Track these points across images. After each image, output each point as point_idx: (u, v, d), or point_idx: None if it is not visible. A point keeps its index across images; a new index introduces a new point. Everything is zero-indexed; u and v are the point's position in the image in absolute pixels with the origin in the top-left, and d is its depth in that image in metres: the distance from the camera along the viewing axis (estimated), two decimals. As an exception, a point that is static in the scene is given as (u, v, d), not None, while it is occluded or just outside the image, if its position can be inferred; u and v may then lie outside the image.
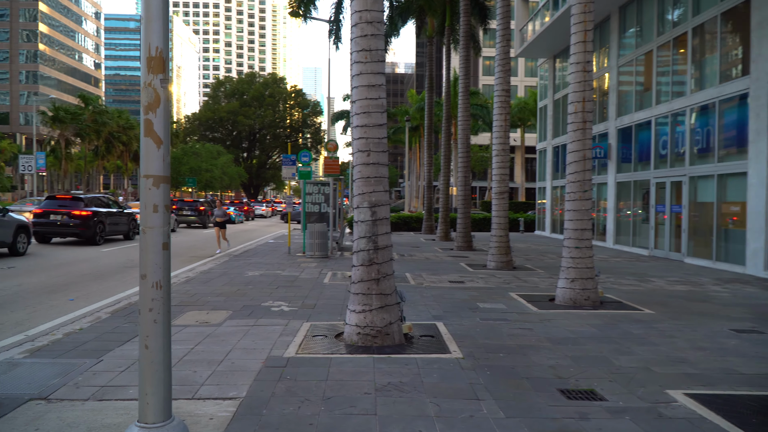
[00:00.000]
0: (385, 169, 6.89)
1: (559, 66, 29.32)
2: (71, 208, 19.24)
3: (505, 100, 15.06)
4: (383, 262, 6.75)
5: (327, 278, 12.34)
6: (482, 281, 12.40)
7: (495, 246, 15.04)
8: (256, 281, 11.72)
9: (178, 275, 12.79)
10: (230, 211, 39.45)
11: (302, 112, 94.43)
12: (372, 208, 6.77)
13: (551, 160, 29.60)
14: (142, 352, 3.68)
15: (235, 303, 9.22)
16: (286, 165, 17.94)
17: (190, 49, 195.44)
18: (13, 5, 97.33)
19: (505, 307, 9.22)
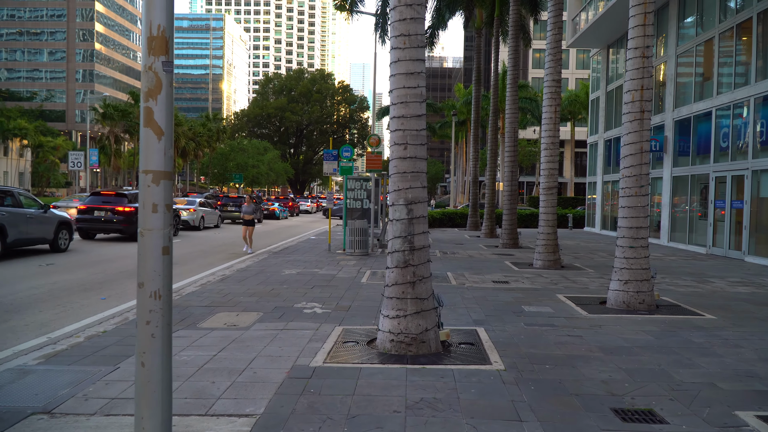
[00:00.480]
0: (423, 163, 6.39)
1: (613, 56, 28.09)
2: (115, 204, 19.40)
3: (556, 92, 14.30)
4: (419, 264, 6.26)
5: (365, 277, 11.91)
6: (528, 281, 11.75)
7: (542, 244, 14.33)
8: (292, 280, 11.39)
9: (215, 273, 12.59)
10: (274, 207, 39.59)
11: (349, 108, 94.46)
12: (408, 206, 6.28)
13: (603, 154, 28.43)
14: (138, 370, 3.29)
15: (267, 304, 8.88)
16: (327, 160, 17.60)
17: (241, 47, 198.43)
18: (70, 5, 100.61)
19: (552, 311, 8.59)
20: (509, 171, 20.00)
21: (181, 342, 6.54)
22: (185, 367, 5.60)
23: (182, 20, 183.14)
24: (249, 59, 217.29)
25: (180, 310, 8.39)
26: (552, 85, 14.30)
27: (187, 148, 61.64)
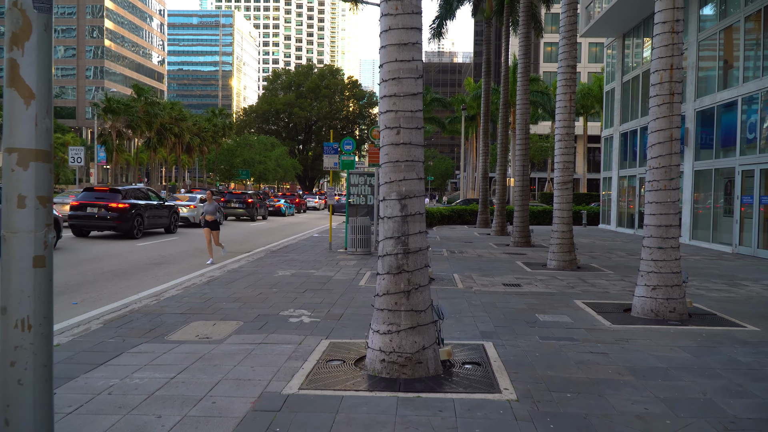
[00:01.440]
0: (420, 151, 5.42)
1: (629, 46, 26.90)
2: (108, 200, 18.57)
3: (571, 78, 13.25)
4: (415, 270, 5.28)
5: (364, 280, 10.95)
6: (542, 284, 10.74)
7: (557, 243, 13.30)
8: (284, 283, 10.45)
9: (204, 274, 11.69)
10: (280, 204, 38.72)
11: (358, 104, 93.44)
12: (402, 201, 5.30)
13: (618, 148, 27.27)
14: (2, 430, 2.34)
15: (250, 311, 7.94)
16: (327, 154, 16.62)
17: (250, 44, 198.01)
18: (80, 2, 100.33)
19: (570, 320, 7.58)
20: (521, 165, 18.95)
21: (138, 360, 5.62)
22: (132, 394, 4.67)
23: (192, 17, 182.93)
24: (259, 56, 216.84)
25: (151, 318, 7.47)
26: (566, 71, 13.26)
27: (192, 143, 60.85)
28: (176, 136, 52.79)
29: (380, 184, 5.48)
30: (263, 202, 35.26)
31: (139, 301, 8.78)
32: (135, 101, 49.07)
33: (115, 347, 6.08)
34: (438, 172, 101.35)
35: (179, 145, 56.78)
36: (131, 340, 6.36)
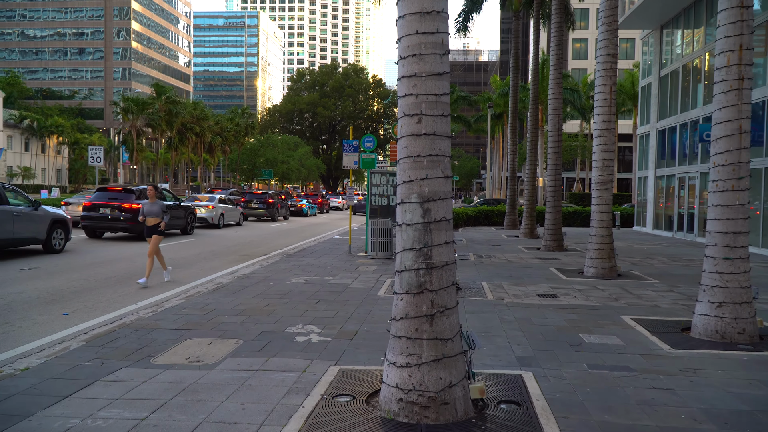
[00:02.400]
0: (446, 144, 4.44)
1: (668, 38, 25.50)
2: (121, 201, 17.90)
3: (611, 68, 12.12)
4: (440, 289, 4.31)
5: (383, 288, 9.98)
6: (581, 295, 9.66)
7: (595, 248, 12.18)
8: (296, 292, 9.54)
9: (213, 280, 10.85)
10: (302, 204, 37.98)
11: (382, 103, 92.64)
12: (424, 205, 4.33)
13: (655, 146, 25.87)
14: None
15: (253, 327, 7.04)
16: (347, 152, 15.69)
17: (275, 44, 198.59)
18: (107, 4, 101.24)
19: (621, 343, 6.53)
20: (553, 164, 17.81)
21: (111, 391, 4.74)
22: (89, 443, 3.78)
23: (218, 18, 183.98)
24: (283, 56, 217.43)
25: (142, 334, 6.62)
26: (607, 60, 12.13)
27: (213, 143, 60.45)
28: (197, 136, 52.39)
29: (398, 183, 4.51)
30: (284, 202, 34.53)
31: (136, 312, 7.95)
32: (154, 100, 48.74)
33: (89, 373, 5.22)
34: (463, 171, 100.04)
35: (201, 145, 56.39)
36: (111, 364, 5.49)
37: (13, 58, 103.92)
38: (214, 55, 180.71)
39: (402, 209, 4.42)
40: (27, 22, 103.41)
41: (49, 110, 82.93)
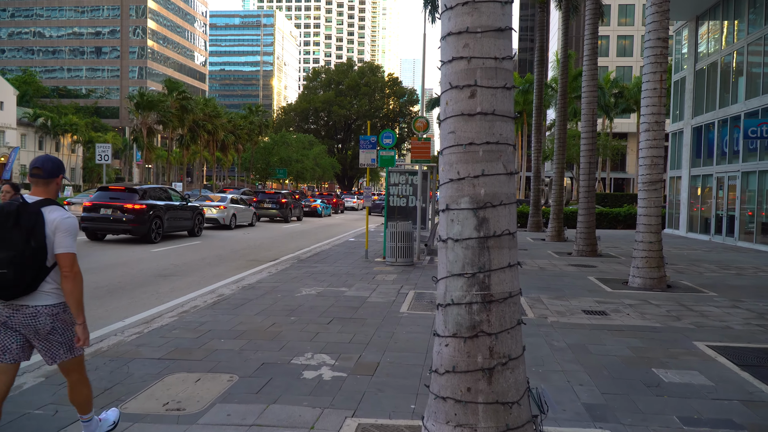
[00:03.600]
0: (509, 127, 3.19)
1: (703, 29, 23.98)
2: (124, 201, 16.82)
3: (662, 54, 10.77)
4: (502, 332, 3.06)
5: (406, 303, 8.74)
6: (635, 312, 8.35)
7: (642, 256, 10.85)
8: (306, 307, 8.33)
9: (214, 291, 9.68)
10: (316, 204, 36.84)
11: (398, 102, 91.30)
12: (479, 213, 3.09)
13: (690, 145, 24.35)
14: None
15: (253, 356, 5.83)
16: (364, 149, 14.46)
17: (291, 44, 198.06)
18: (123, 3, 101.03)
19: (708, 382, 5.23)
20: (587, 162, 16.45)
21: (54, 459, 3.55)
22: None
23: (234, 17, 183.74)
24: (299, 55, 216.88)
25: (118, 366, 5.45)
26: (656, 45, 10.79)
27: (226, 141, 59.44)
28: (209, 133, 51.39)
29: (441, 183, 3.27)
30: (298, 202, 33.41)
31: (120, 333, 6.81)
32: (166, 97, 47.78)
33: (33, 430, 4.03)
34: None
35: (213, 143, 55.39)
36: (67, 413, 4.31)
37: (30, 57, 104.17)
38: (230, 54, 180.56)
39: (447, 218, 3.18)
40: (44, 21, 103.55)
41: (65, 109, 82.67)
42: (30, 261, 3.20)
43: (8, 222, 3.19)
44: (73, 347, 3.46)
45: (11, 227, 3.18)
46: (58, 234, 3.29)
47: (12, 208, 3.22)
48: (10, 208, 3.23)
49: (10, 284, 3.16)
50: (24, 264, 3.17)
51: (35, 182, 3.37)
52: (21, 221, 3.19)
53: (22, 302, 3.29)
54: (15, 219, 3.19)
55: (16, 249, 3.15)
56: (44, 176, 3.36)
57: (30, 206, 3.26)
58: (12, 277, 3.14)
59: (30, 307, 3.29)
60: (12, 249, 3.15)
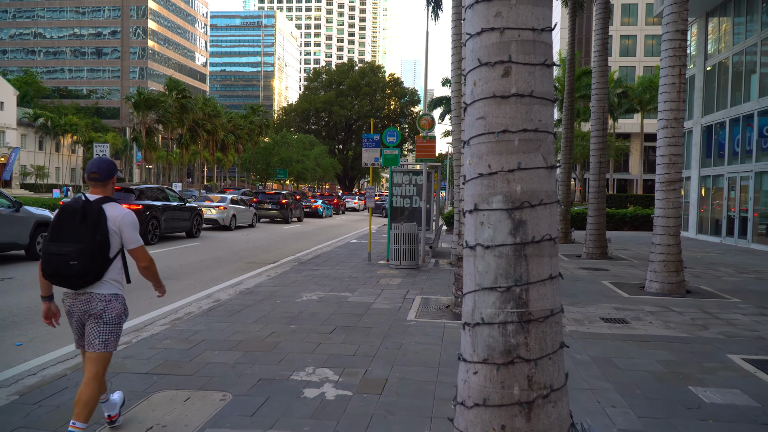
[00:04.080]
0: (549, 112, 2.68)
1: (714, 26, 23.46)
2: (119, 201, 16.20)
3: (681, 48, 10.26)
4: (543, 357, 2.55)
5: (413, 310, 8.22)
6: (657, 321, 7.83)
7: (660, 260, 10.34)
8: (307, 314, 7.81)
9: (210, 296, 9.17)
10: (317, 205, 36.34)
11: (399, 102, 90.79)
12: (514, 214, 2.58)
13: (699, 144, 23.82)
14: None
15: (249, 371, 5.32)
16: (367, 147, 13.94)
17: (292, 44, 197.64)
18: (124, 3, 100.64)
19: (753, 402, 4.71)
20: (596, 162, 15.94)
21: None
22: None
23: (234, 18, 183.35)
24: (300, 56, 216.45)
25: (99, 382, 4.93)
26: (675, 38, 10.28)
27: (226, 141, 58.83)
28: (209, 133, 50.80)
29: (467, 178, 2.75)
30: (299, 203, 32.90)
31: (105, 343, 6.27)
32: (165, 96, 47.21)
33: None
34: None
35: (213, 143, 54.82)
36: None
37: (31, 57, 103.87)
38: (231, 54, 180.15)
39: (476, 221, 2.66)
40: (45, 22, 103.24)
41: (65, 109, 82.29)
42: (96, 253, 3.51)
43: (75, 218, 3.51)
44: (107, 340, 3.68)
45: (78, 223, 3.50)
46: (124, 230, 3.63)
47: (78, 206, 3.53)
48: (75, 205, 3.54)
49: (80, 274, 3.48)
50: (91, 256, 3.50)
51: (94, 184, 3.68)
52: (87, 217, 3.51)
53: (86, 290, 3.61)
54: (81, 215, 3.51)
55: (84, 242, 3.48)
56: (101, 179, 3.67)
57: (93, 203, 3.57)
58: (81, 268, 3.47)
59: (88, 293, 3.61)
60: (80, 242, 3.48)
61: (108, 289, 3.64)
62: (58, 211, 3.55)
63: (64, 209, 3.56)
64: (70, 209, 3.54)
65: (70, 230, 3.50)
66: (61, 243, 3.49)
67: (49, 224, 3.62)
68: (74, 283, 3.52)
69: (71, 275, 3.47)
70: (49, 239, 3.54)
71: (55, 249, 3.49)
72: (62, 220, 3.53)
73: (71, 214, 3.53)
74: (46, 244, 3.54)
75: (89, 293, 3.59)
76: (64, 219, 3.53)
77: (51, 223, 3.57)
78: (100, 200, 3.62)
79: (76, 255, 3.45)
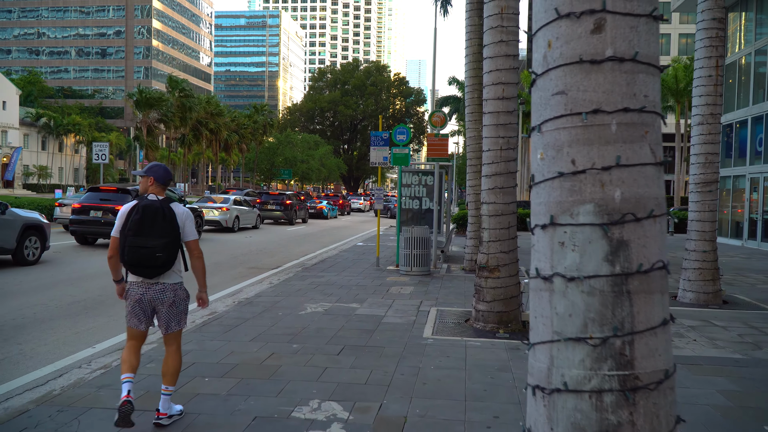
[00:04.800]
0: (655, 85, 1.87)
1: (734, 21, 22.58)
2: (116, 202, 15.58)
3: (717, 37, 9.44)
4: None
5: (429, 325, 7.42)
6: (702, 338, 7.02)
7: (695, 267, 9.52)
8: (312, 330, 7.03)
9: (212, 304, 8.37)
10: (322, 206, 35.58)
11: (405, 102, 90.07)
12: (612, 231, 1.77)
13: (720, 144, 22.90)
14: None
15: (242, 406, 4.53)
16: (375, 146, 13.14)
17: (297, 44, 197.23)
18: (128, 3, 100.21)
19: None
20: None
21: None
22: None
23: (239, 18, 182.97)
24: (305, 56, 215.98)
25: (65, 421, 4.18)
26: (711, 26, 9.45)
27: (229, 140, 58.07)
28: (212, 132, 50.00)
29: (536, 179, 1.94)
30: (303, 203, 32.14)
31: (86, 363, 5.59)
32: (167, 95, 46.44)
33: None
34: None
35: (216, 142, 54.06)
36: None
37: (36, 57, 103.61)
38: (236, 54, 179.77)
39: (553, 240, 1.86)
40: (49, 22, 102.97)
41: (69, 109, 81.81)
42: (176, 245, 4.04)
43: (158, 216, 3.96)
44: (180, 321, 4.27)
45: (161, 220, 3.96)
46: (187, 224, 4.14)
47: (157, 205, 4.00)
48: (155, 204, 4.00)
49: (165, 264, 3.98)
50: (173, 248, 4.02)
51: (155, 185, 4.15)
52: (167, 215, 3.99)
53: (157, 280, 4.08)
54: (162, 213, 3.97)
55: (168, 236, 3.98)
56: (161, 181, 4.16)
57: (164, 202, 4.05)
58: (165, 259, 3.97)
59: (161, 283, 4.10)
60: (165, 236, 3.96)
61: (175, 279, 4.15)
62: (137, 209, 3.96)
63: (146, 208, 3.96)
64: (152, 208, 3.97)
65: (154, 226, 3.94)
66: (147, 237, 3.92)
67: (125, 221, 4.00)
68: (154, 273, 3.99)
69: (156, 265, 3.95)
70: (134, 234, 3.93)
71: (141, 242, 3.91)
72: (146, 218, 3.94)
73: (153, 212, 3.96)
74: (131, 238, 3.93)
75: (162, 284, 4.07)
76: (147, 216, 3.95)
77: (131, 219, 3.96)
78: (167, 200, 4.09)
79: (162, 248, 3.93)
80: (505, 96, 7.08)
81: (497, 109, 7.11)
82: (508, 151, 7.16)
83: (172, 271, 4.12)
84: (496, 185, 7.15)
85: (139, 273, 4.01)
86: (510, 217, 7.21)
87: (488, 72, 7.15)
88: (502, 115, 7.11)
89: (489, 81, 7.13)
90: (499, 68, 7.06)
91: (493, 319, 7.13)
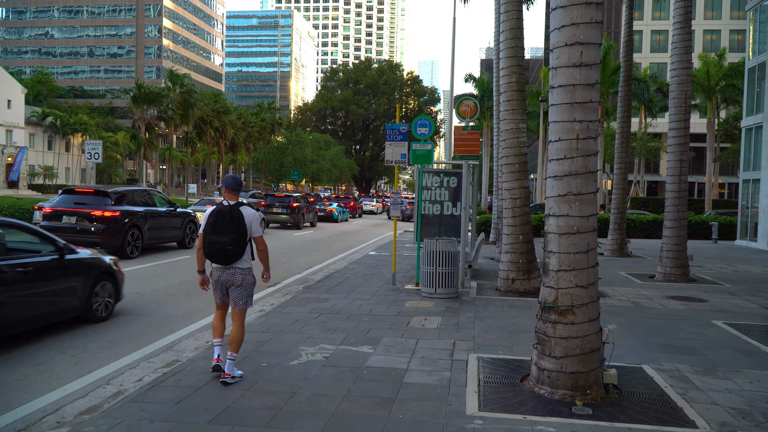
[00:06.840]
0: None
1: None
2: (91, 207, 13.56)
3: None
4: None
5: (470, 387, 5.22)
6: None
7: None
8: (302, 400, 4.87)
9: (172, 347, 6.30)
10: (332, 208, 33.45)
11: (418, 101, 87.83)
12: None
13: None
14: None
15: None
16: (392, 141, 10.89)
17: (309, 44, 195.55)
18: (139, 2, 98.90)
19: None
20: (677, 160, 12.83)
21: None
22: None
23: (251, 18, 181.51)
24: (317, 56, 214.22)
25: None
26: None
27: (236, 139, 55.92)
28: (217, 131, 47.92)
29: None
30: (312, 206, 30.00)
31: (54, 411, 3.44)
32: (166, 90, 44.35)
33: None
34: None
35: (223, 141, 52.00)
36: None
37: (47, 57, 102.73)
38: (248, 54, 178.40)
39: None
40: (61, 21, 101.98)
41: (78, 108, 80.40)
42: (242, 241, 5.21)
43: (227, 218, 5.18)
44: (246, 301, 5.38)
45: (230, 221, 5.17)
46: (253, 225, 5.30)
47: (227, 210, 5.21)
48: (225, 209, 5.21)
49: (234, 255, 5.21)
50: (240, 243, 5.20)
51: (227, 193, 5.37)
52: (234, 217, 5.19)
53: (230, 266, 5.28)
54: (230, 215, 5.19)
55: (236, 233, 5.17)
56: (232, 189, 5.38)
57: (233, 207, 5.24)
58: (234, 251, 5.19)
59: (232, 268, 5.31)
60: (233, 233, 5.17)
61: (244, 265, 5.33)
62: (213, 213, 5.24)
63: (219, 212, 5.21)
64: (223, 212, 5.19)
65: (224, 226, 5.16)
66: (220, 235, 5.15)
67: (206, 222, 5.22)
68: (227, 261, 5.23)
69: (228, 256, 5.19)
70: (210, 232, 5.19)
71: (216, 239, 5.16)
72: (218, 220, 5.19)
73: (224, 215, 5.18)
74: (208, 236, 5.20)
75: (234, 268, 5.29)
76: (219, 218, 5.19)
77: (208, 221, 5.23)
78: (237, 204, 5.28)
79: (230, 242, 5.14)
80: (584, 63, 4.90)
81: (572, 80, 4.93)
82: (588, 141, 4.97)
83: (242, 259, 5.26)
84: (570, 190, 4.95)
85: (216, 261, 5.25)
86: (589, 237, 5.01)
87: (558, 28, 4.98)
88: (580, 89, 4.92)
89: (560, 40, 4.96)
90: (575, 21, 4.88)
91: (565, 382, 4.95)
